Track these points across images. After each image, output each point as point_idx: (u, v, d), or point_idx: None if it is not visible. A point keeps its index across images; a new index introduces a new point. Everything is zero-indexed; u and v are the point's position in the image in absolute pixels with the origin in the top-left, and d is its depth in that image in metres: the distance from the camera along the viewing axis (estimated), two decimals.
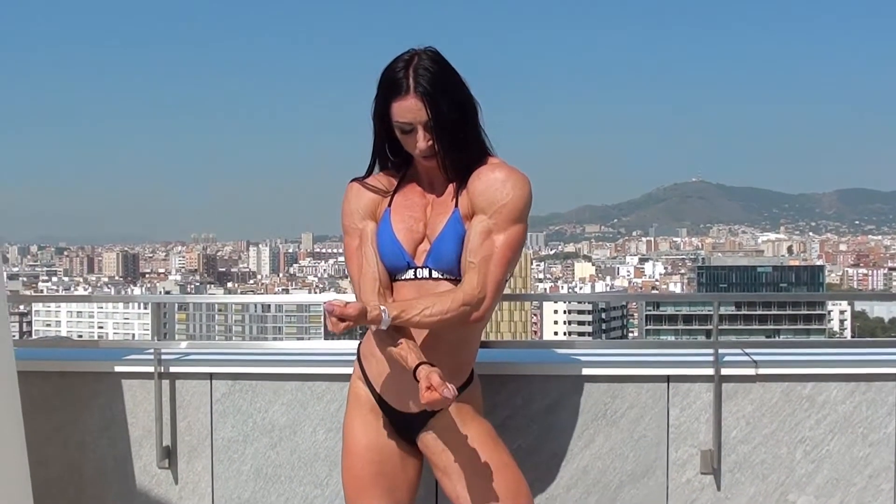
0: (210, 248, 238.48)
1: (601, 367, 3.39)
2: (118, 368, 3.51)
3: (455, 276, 2.59)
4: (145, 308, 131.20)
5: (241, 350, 3.91)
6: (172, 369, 3.50)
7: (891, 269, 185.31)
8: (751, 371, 3.33)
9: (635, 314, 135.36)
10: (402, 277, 2.65)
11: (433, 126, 2.50)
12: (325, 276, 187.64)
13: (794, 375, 3.34)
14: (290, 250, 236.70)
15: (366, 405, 2.76)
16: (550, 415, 3.35)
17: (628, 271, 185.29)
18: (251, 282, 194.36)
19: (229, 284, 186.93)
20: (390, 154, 2.72)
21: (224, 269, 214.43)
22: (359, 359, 2.81)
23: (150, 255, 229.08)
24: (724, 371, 3.32)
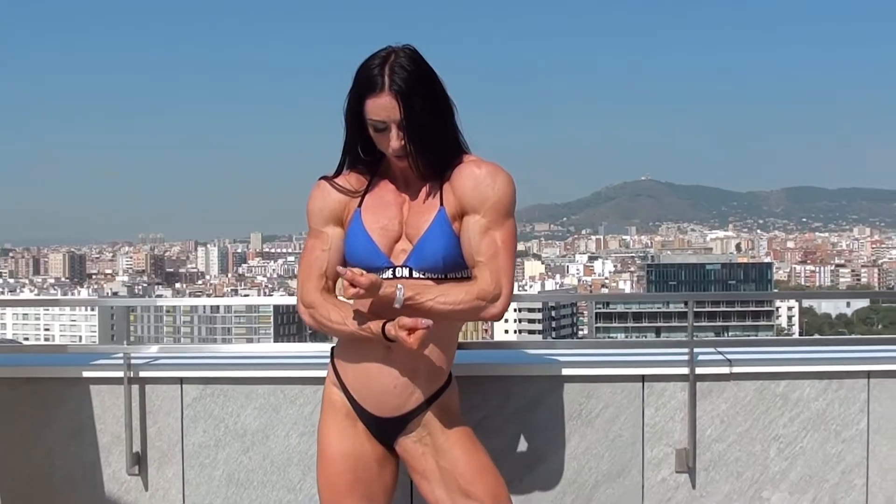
0: (158, 248, 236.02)
1: (576, 368, 3.39)
2: (86, 374, 3.44)
3: (437, 276, 2.57)
4: (92, 310, 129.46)
5: (211, 354, 3.84)
6: (142, 374, 3.43)
7: (837, 265, 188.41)
8: (725, 370, 3.36)
9: (584, 312, 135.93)
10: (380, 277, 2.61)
11: (406, 125, 2.47)
12: (275, 276, 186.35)
13: (767, 374, 3.37)
14: (239, 250, 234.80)
15: (341, 410, 2.73)
16: (526, 415, 3.34)
17: (578, 269, 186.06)
18: (200, 282, 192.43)
19: (177, 285, 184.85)
20: (362, 152, 2.68)
21: (172, 270, 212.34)
22: (332, 363, 2.77)
23: (97, 255, 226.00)
24: (699, 370, 3.34)
